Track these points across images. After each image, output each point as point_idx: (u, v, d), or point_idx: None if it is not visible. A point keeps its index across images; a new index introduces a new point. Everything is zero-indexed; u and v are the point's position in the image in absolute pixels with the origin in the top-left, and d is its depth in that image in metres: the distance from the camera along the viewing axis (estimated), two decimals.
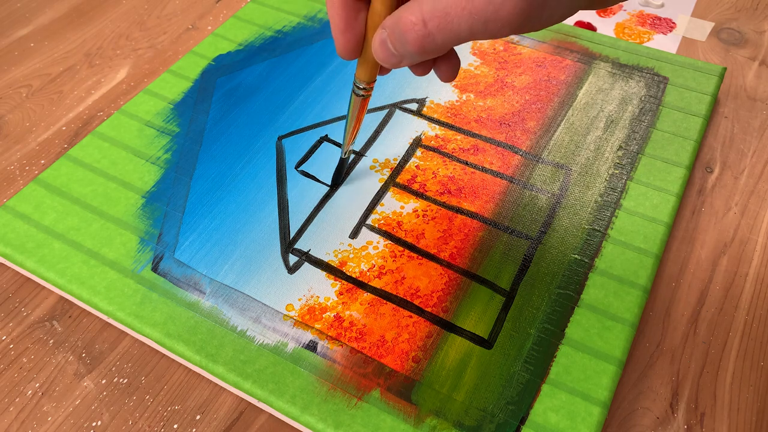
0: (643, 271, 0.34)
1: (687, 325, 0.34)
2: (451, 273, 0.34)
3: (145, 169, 0.38)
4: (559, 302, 0.32)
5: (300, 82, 0.43)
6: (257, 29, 0.47)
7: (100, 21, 0.51)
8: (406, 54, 0.25)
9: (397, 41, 0.24)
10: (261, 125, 0.41)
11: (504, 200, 0.37)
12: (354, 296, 0.33)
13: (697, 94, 0.42)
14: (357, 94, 0.31)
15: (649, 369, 0.32)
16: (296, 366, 0.30)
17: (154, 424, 0.30)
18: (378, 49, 0.25)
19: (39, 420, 0.30)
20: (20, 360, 0.32)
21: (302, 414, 0.29)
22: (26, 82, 0.46)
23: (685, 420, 0.30)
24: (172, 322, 0.32)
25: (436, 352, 0.31)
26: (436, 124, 0.41)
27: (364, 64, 0.29)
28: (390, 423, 0.28)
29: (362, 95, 0.31)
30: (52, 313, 0.34)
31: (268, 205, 0.37)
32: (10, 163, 0.41)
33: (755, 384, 0.32)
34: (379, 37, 0.25)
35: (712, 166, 0.41)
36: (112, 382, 0.32)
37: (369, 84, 0.30)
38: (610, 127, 0.40)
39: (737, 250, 0.36)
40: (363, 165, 0.39)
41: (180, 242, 0.35)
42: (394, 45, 0.25)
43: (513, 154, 0.39)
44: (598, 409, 0.29)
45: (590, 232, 0.35)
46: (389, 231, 0.35)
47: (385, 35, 0.25)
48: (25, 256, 0.34)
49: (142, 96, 0.43)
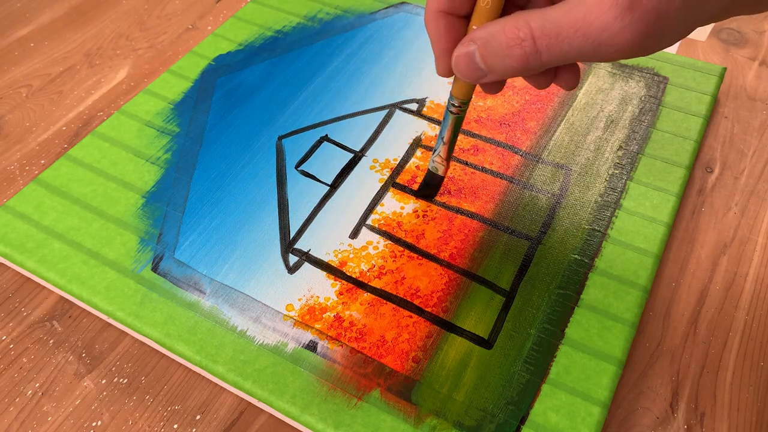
0: (643, 271, 0.34)
1: (687, 325, 0.34)
2: (451, 273, 0.34)
3: (145, 169, 0.38)
4: (559, 302, 0.32)
5: (300, 82, 0.43)
6: (257, 29, 0.47)
7: (100, 21, 0.51)
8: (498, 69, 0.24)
9: (492, 55, 0.23)
10: (261, 125, 0.41)
11: (504, 200, 0.37)
12: (354, 296, 0.33)
13: (697, 94, 0.42)
14: (452, 112, 0.30)
15: (649, 369, 0.32)
16: (296, 366, 0.30)
17: (154, 424, 0.30)
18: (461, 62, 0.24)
19: (39, 420, 0.30)
20: (20, 360, 0.32)
21: (302, 414, 0.29)
22: (26, 82, 0.46)
23: (685, 420, 0.30)
24: (172, 322, 0.32)
25: (436, 352, 0.31)
26: (436, 124, 0.41)
27: (462, 81, 0.28)
28: (390, 423, 0.28)
29: (456, 113, 0.30)
30: (52, 313, 0.34)
31: (268, 205, 0.37)
32: (10, 163, 0.41)
33: (755, 384, 0.32)
34: (465, 49, 0.24)
35: (712, 166, 0.41)
36: (112, 382, 0.32)
37: (465, 101, 0.29)
38: (610, 127, 0.40)
39: (737, 250, 0.36)
40: (363, 165, 0.39)
41: (180, 242, 0.35)
42: (486, 59, 0.24)
43: (513, 154, 0.39)
44: (598, 409, 0.29)
45: (590, 232, 0.35)
46: (389, 231, 0.35)
47: (473, 48, 0.24)
48: (25, 256, 0.34)
49: (142, 96, 0.43)
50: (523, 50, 0.22)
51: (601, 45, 0.21)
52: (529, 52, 0.22)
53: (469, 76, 0.25)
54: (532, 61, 0.23)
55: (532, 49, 0.22)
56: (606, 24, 0.20)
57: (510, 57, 0.23)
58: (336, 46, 0.46)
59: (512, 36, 0.22)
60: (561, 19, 0.21)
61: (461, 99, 0.29)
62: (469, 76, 0.25)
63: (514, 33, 0.22)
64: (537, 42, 0.22)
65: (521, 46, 0.22)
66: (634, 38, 0.20)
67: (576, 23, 0.21)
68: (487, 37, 0.23)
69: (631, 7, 0.20)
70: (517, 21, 0.22)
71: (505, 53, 0.23)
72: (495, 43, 0.23)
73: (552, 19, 0.22)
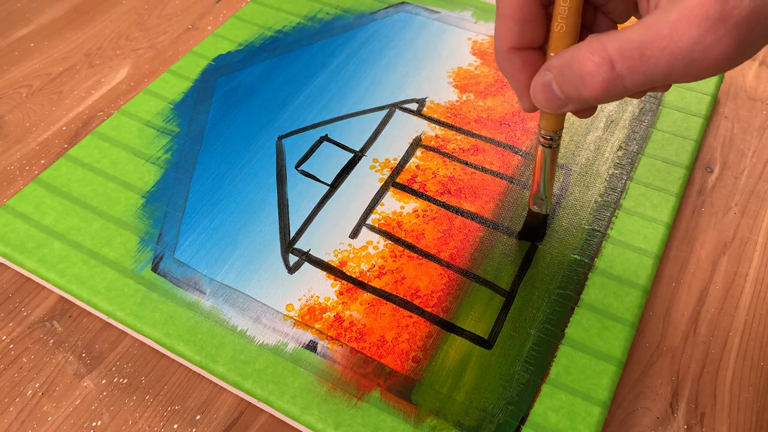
0: (643, 271, 0.34)
1: (687, 325, 0.34)
2: (451, 273, 0.34)
3: (145, 169, 0.38)
4: (559, 302, 0.32)
5: (300, 82, 0.43)
6: (257, 29, 0.47)
7: (100, 21, 0.51)
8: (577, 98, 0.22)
9: (569, 84, 0.22)
10: (261, 125, 0.41)
11: (504, 200, 0.37)
12: (354, 296, 0.33)
13: (697, 94, 0.42)
14: (544, 146, 0.28)
15: (649, 369, 0.32)
16: (296, 366, 0.30)
17: (154, 424, 0.30)
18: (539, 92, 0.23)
19: (39, 420, 0.30)
20: (20, 360, 0.32)
21: (302, 414, 0.29)
22: (26, 82, 0.46)
23: (685, 420, 0.30)
24: (172, 322, 0.32)
25: (436, 352, 0.31)
26: (436, 124, 0.41)
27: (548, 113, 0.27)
28: (390, 423, 0.28)
29: (550, 146, 0.28)
30: (52, 313, 0.34)
31: (268, 205, 0.37)
32: (10, 163, 0.41)
33: (755, 384, 0.32)
34: (541, 79, 0.23)
35: (712, 166, 0.41)
36: (112, 382, 0.32)
37: (557, 132, 0.28)
38: (610, 127, 0.40)
39: (737, 250, 0.36)
40: (363, 165, 0.39)
41: (180, 242, 0.35)
42: (563, 88, 0.22)
43: (513, 154, 0.39)
44: (598, 409, 0.29)
45: (590, 232, 0.35)
46: (389, 231, 0.35)
47: (549, 77, 0.23)
48: (25, 256, 0.34)
49: (142, 96, 0.43)
50: (601, 77, 0.21)
51: (693, 61, 0.19)
52: (608, 78, 0.21)
53: (549, 106, 0.24)
54: (613, 87, 0.21)
55: (610, 74, 0.21)
56: (697, 38, 0.19)
57: (587, 85, 0.21)
58: (336, 46, 0.46)
59: (587, 62, 0.21)
60: (642, 38, 0.20)
61: (551, 131, 0.28)
62: (549, 106, 0.24)
63: (588, 58, 0.21)
64: (616, 66, 0.21)
65: (599, 73, 0.21)
66: (728, 51, 0.19)
67: (661, 41, 0.19)
68: (562, 66, 0.22)
69: (723, 18, 0.19)
70: (591, 45, 0.21)
71: (582, 81, 0.22)
72: (570, 70, 0.22)
73: (632, 39, 0.20)
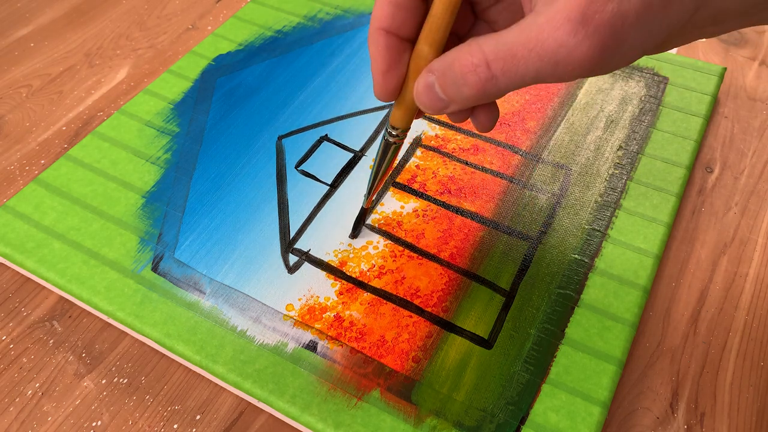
0: (643, 271, 0.34)
1: (687, 325, 0.34)
2: (451, 273, 0.34)
3: (145, 169, 0.38)
4: (559, 302, 0.32)
5: (300, 82, 0.43)
6: (257, 29, 0.47)
7: (100, 21, 0.51)
8: (458, 99, 0.23)
9: (450, 85, 0.23)
10: (261, 125, 0.41)
11: (504, 200, 0.37)
12: (354, 296, 0.33)
13: (697, 94, 0.42)
14: (388, 141, 0.29)
15: (649, 369, 0.32)
16: (296, 366, 0.30)
17: (154, 424, 0.30)
18: (422, 93, 0.24)
19: (39, 420, 0.30)
20: (20, 360, 0.32)
21: (302, 414, 0.29)
22: (26, 82, 0.46)
23: (685, 420, 0.30)
24: (172, 322, 0.32)
25: (436, 352, 0.31)
26: (436, 124, 0.41)
27: (402, 108, 0.27)
28: (390, 423, 0.28)
29: (394, 142, 0.29)
30: (52, 313, 0.34)
31: (268, 205, 0.37)
32: (10, 163, 0.41)
33: (755, 384, 0.32)
34: (424, 80, 0.23)
35: (712, 166, 0.41)
36: (112, 382, 0.32)
37: (404, 131, 0.28)
38: (610, 127, 0.40)
39: (737, 250, 0.36)
40: (363, 165, 0.39)
41: (180, 242, 0.35)
42: (445, 89, 0.23)
43: (513, 154, 0.39)
44: (598, 409, 0.29)
45: (590, 232, 0.35)
46: (389, 231, 0.35)
47: (432, 79, 0.23)
48: (25, 256, 0.34)
49: (142, 96, 0.43)
50: (478, 77, 0.22)
51: (558, 63, 0.20)
52: (484, 78, 0.22)
53: (432, 107, 0.24)
54: (488, 87, 0.22)
55: (486, 74, 0.21)
56: (561, 41, 0.20)
57: (466, 85, 0.22)
58: (336, 46, 0.46)
59: (466, 63, 0.22)
60: (515, 40, 0.21)
61: (399, 127, 0.28)
62: (432, 107, 0.24)
63: (468, 60, 0.22)
64: (491, 66, 0.21)
65: (476, 73, 0.22)
66: (591, 53, 0.20)
67: (529, 43, 0.20)
68: (443, 67, 0.23)
69: (583, 21, 0.19)
70: (470, 47, 0.22)
71: (461, 82, 0.22)
72: (451, 72, 0.22)
73: (505, 41, 0.21)
